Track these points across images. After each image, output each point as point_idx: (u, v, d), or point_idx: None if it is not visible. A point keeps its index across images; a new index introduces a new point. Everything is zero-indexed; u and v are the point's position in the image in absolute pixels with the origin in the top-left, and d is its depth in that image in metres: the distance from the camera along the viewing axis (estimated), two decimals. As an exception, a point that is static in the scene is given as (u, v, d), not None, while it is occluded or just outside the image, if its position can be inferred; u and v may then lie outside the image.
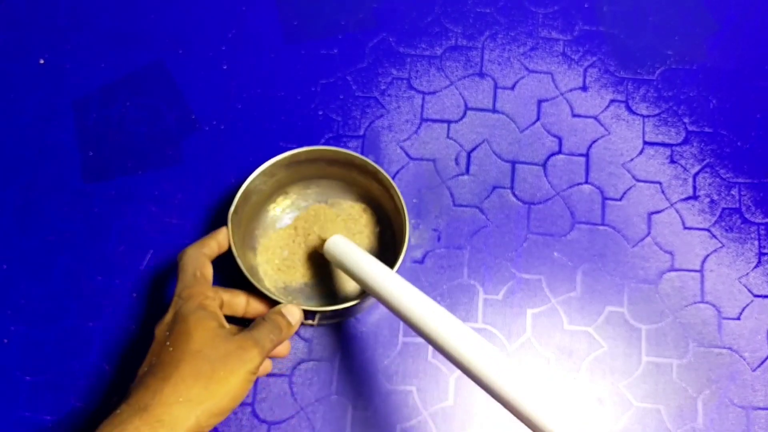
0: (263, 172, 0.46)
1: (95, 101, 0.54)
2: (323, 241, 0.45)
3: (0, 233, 0.50)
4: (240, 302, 0.44)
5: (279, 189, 0.49)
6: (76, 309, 0.49)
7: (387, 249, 0.48)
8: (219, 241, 0.44)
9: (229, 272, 0.47)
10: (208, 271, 0.42)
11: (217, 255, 0.44)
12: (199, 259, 0.42)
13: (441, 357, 0.47)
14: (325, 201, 0.50)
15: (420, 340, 0.48)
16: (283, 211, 0.50)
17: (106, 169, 0.52)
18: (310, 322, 0.43)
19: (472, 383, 0.47)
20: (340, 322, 0.48)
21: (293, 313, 0.41)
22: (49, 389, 0.47)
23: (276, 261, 0.48)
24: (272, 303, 0.44)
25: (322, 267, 0.49)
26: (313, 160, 0.47)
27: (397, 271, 0.43)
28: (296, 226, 0.49)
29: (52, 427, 0.46)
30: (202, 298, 0.39)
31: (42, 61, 0.55)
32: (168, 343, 0.37)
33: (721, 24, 0.56)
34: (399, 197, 0.45)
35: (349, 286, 0.48)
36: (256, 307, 0.44)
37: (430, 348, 0.48)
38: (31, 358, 0.48)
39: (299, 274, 0.48)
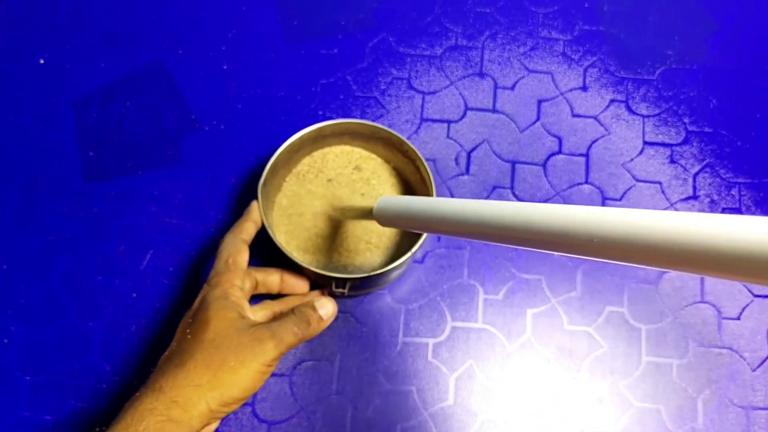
0: (290, 146, 0.46)
1: (95, 101, 0.54)
2: (358, 211, 0.45)
3: (0, 233, 0.50)
4: (274, 280, 0.44)
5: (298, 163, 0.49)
6: (76, 309, 0.49)
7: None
8: (254, 219, 0.44)
9: (261, 245, 0.47)
10: (243, 257, 0.42)
11: (255, 234, 0.44)
12: (235, 245, 0.42)
13: (441, 357, 0.47)
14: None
15: (420, 339, 0.48)
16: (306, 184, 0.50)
17: (106, 169, 0.52)
18: (341, 290, 0.44)
19: (472, 383, 0.47)
20: (369, 292, 0.49)
21: (326, 307, 0.41)
22: (49, 389, 0.47)
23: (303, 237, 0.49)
24: (306, 276, 0.45)
25: (348, 244, 0.48)
26: (339, 134, 0.48)
27: (413, 255, 0.43)
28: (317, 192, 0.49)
29: (52, 427, 0.46)
30: (228, 286, 0.39)
31: (42, 61, 0.55)
32: (188, 330, 0.38)
33: (721, 24, 0.56)
34: (425, 167, 0.45)
35: (375, 261, 0.48)
36: (290, 282, 0.45)
37: (430, 348, 0.48)
38: (31, 358, 0.48)
39: (324, 253, 0.48)
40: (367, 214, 0.44)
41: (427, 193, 0.45)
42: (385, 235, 0.48)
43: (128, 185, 0.51)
